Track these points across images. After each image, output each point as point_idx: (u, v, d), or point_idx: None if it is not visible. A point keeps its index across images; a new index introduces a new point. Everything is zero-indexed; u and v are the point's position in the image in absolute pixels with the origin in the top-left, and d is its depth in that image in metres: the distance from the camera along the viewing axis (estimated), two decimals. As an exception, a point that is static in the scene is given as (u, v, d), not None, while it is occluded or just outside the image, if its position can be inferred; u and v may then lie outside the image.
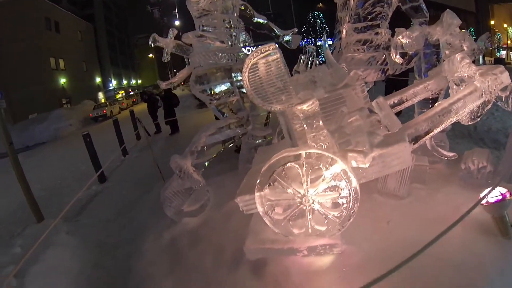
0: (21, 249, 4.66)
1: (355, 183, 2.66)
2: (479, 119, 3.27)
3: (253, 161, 3.84)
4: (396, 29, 3.82)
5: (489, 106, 3.21)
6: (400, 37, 3.68)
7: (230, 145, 4.57)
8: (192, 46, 4.44)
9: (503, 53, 48.13)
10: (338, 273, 2.72)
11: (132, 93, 53.94)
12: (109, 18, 64.56)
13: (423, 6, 4.25)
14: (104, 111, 29.95)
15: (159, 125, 13.68)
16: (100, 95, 49.64)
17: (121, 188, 7.14)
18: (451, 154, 4.00)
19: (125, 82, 67.85)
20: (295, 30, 5.10)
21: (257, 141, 4.85)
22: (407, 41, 3.66)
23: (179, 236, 3.93)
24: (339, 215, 2.76)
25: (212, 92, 4.34)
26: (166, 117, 12.82)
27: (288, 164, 2.68)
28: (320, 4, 31.71)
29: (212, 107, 4.49)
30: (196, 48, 4.35)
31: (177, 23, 33.16)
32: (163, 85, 4.73)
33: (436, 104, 3.26)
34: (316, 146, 2.73)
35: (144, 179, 7.02)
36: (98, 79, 51.26)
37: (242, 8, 4.65)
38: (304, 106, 2.65)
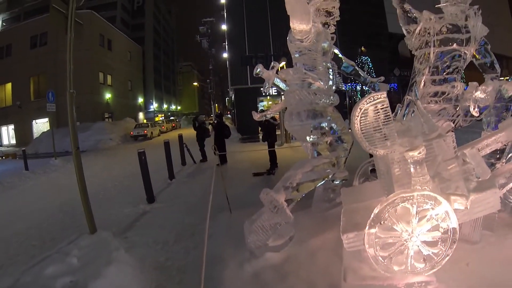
0: (78, 260, 4.54)
1: (455, 224, 2.96)
2: None
3: (343, 201, 3.96)
4: (470, 83, 4.10)
5: None
6: (478, 92, 3.91)
7: (319, 184, 4.48)
8: (287, 82, 4.51)
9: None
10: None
11: (172, 118, 55.50)
12: (158, 43, 67.56)
13: (496, 62, 4.46)
14: (145, 131, 30.79)
15: (205, 153, 13.71)
16: (141, 115, 51.29)
17: (172, 211, 7.01)
18: None
19: (165, 106, 70.05)
20: (382, 78, 5.16)
21: (335, 182, 4.84)
22: (483, 96, 3.91)
23: (263, 270, 3.82)
24: (438, 253, 3.02)
25: (309, 131, 4.40)
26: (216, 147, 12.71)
27: (401, 204, 2.96)
28: (363, 48, 32.22)
29: (304, 145, 4.56)
30: (293, 85, 4.42)
31: (225, 55, 34.33)
32: (257, 116, 4.77)
33: None
34: (420, 189, 3.01)
35: (198, 205, 6.91)
36: (140, 99, 53.06)
37: (335, 52, 4.87)
38: (416, 153, 2.94)
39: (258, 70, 4.49)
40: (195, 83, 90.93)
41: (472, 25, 4.18)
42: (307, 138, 4.51)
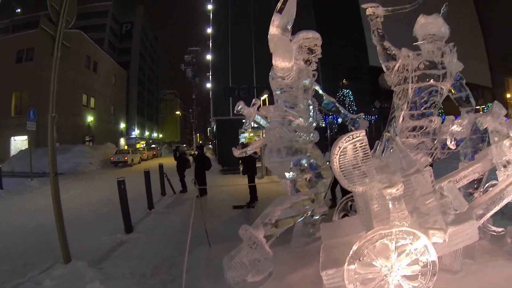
0: (51, 292, 4.40)
1: (434, 257, 3.04)
2: None
3: (322, 236, 4.00)
4: (447, 117, 4.26)
5: None
6: (455, 126, 4.05)
7: (299, 220, 4.46)
8: (268, 118, 4.52)
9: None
10: None
11: (153, 145, 55.13)
12: (143, 68, 67.80)
13: (471, 96, 4.62)
14: (126, 158, 30.47)
15: (185, 184, 13.61)
16: (122, 141, 50.89)
17: (151, 242, 6.85)
18: (499, 229, 4.35)
19: (147, 133, 69.73)
20: (362, 115, 5.25)
21: (314, 217, 4.82)
22: (459, 129, 4.04)
23: (242, 305, 3.73)
24: (418, 286, 3.07)
25: (288, 168, 4.42)
26: (197, 179, 12.69)
27: (380, 241, 3.00)
28: (344, 81, 32.93)
29: (284, 181, 4.55)
30: (274, 122, 4.45)
31: (208, 85, 34.80)
32: (237, 153, 4.76)
33: (494, 187, 3.80)
34: (399, 224, 3.05)
35: (177, 237, 6.73)
36: (122, 125, 52.72)
37: (316, 88, 4.92)
38: (393, 190, 2.99)
39: (240, 107, 4.53)
40: (178, 112, 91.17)
41: (448, 61, 4.33)
42: (286, 175, 4.51)
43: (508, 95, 56.29)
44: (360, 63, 33.39)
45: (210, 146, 49.41)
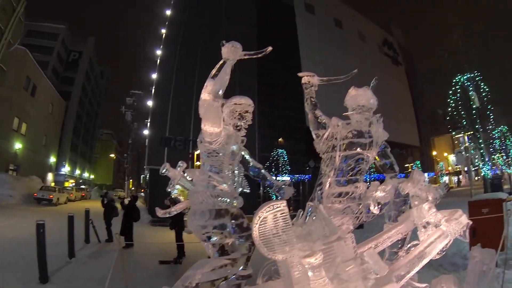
0: None
1: None
2: (444, 253, 3.92)
3: None
4: (372, 183, 4.42)
5: (451, 241, 3.88)
6: (378, 192, 4.23)
7: (221, 283, 4.40)
8: (193, 182, 4.53)
9: (445, 178, 61.16)
10: None
11: (83, 186, 52.53)
12: (83, 102, 65.42)
13: (395, 163, 4.91)
14: (51, 196, 28.10)
15: (111, 233, 12.95)
16: (50, 176, 47.39)
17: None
18: (423, 285, 4.39)
19: (78, 172, 66.23)
20: (289, 181, 5.36)
21: (238, 280, 4.66)
22: (382, 194, 4.22)
23: None
24: None
25: (210, 231, 4.34)
26: (123, 229, 12.33)
27: None
28: (280, 139, 33.81)
29: (206, 245, 4.49)
30: (198, 186, 4.46)
31: (145, 132, 34.46)
32: (160, 213, 4.66)
33: (414, 248, 3.93)
34: None
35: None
36: (53, 159, 49.66)
37: (243, 154, 4.91)
38: (312, 259, 3.01)
39: (165, 169, 4.47)
40: (113, 155, 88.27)
41: (375, 131, 4.60)
42: (208, 238, 4.42)
43: (434, 153, 64.68)
44: (297, 123, 34.52)
45: (142, 194, 47.81)
